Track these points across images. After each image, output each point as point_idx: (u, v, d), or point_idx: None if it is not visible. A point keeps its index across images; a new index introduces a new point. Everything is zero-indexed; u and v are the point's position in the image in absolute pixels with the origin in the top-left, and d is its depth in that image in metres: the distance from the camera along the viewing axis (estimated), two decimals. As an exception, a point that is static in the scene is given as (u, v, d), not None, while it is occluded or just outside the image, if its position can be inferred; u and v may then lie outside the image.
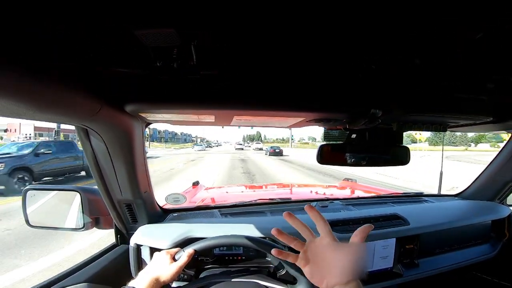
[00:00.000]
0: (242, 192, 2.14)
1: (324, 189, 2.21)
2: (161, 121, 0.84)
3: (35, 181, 7.35)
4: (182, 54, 0.48)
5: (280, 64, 0.56)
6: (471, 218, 1.30)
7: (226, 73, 0.58)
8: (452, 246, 1.26)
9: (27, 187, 1.01)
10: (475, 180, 1.56)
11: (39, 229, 1.04)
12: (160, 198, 1.23)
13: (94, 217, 1.03)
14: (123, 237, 1.07)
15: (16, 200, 5.41)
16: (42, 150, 7.90)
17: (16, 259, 3.07)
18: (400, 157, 0.96)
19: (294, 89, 0.65)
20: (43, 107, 0.45)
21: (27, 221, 0.99)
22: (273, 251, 0.57)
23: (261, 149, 41.61)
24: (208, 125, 0.91)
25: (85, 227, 1.00)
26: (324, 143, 0.94)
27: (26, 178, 7.17)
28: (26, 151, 7.66)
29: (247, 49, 0.50)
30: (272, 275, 0.93)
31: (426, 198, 1.58)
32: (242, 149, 45.36)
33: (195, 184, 2.22)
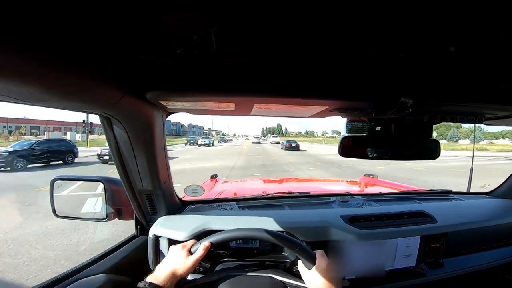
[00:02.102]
0: (260, 185, 2.13)
1: (344, 184, 2.15)
2: (182, 110, 0.84)
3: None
4: (202, 41, 0.46)
5: (303, 49, 0.53)
6: (502, 218, 1.23)
7: (247, 60, 0.56)
8: (480, 246, 1.19)
9: (54, 177, 1.05)
10: (508, 178, 1.46)
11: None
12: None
13: (116, 207, 1.06)
14: (142, 228, 1.09)
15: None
16: None
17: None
18: (429, 151, 0.90)
19: (317, 76, 0.61)
20: (68, 94, 0.46)
21: (54, 211, 1.02)
22: None
23: (277, 142, 42.36)
24: (228, 115, 0.89)
25: (107, 217, 1.03)
26: (346, 135, 0.90)
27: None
28: None
29: (270, 35, 0.48)
30: (288, 270, 0.91)
31: (454, 196, 1.49)
32: (259, 142, 45.74)
33: (214, 177, 2.24)
